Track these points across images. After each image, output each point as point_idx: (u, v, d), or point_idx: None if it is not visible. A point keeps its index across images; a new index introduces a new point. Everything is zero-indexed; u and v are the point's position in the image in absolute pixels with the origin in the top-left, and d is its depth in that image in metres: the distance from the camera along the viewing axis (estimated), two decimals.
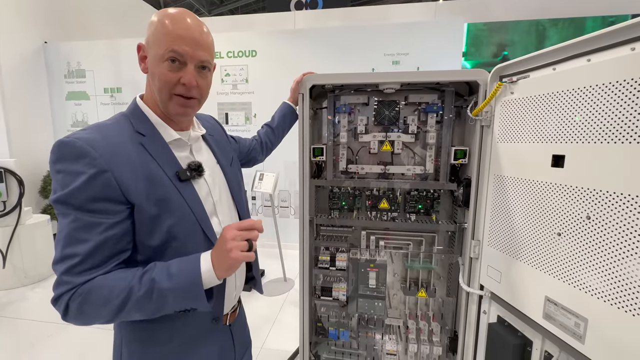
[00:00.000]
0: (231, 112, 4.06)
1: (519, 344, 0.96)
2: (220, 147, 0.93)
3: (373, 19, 5.09)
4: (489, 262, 1.08)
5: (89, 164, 0.62)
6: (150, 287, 0.62)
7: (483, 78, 1.09)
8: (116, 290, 0.61)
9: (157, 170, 0.70)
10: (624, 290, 0.65)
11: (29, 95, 4.09)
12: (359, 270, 1.41)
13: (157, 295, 0.62)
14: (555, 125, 0.81)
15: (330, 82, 1.27)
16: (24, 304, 2.81)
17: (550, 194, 0.83)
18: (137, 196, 0.65)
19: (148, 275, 0.63)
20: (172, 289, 0.63)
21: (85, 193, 0.61)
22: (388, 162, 1.42)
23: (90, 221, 0.62)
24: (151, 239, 0.68)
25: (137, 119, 0.74)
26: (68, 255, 0.61)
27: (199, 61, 0.72)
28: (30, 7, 4.01)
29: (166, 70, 0.69)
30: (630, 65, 0.64)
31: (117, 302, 0.61)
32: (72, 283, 0.61)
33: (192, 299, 0.65)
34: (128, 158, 0.66)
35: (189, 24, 0.70)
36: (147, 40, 0.72)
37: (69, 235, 0.61)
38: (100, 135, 0.66)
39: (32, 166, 3.97)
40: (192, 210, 0.73)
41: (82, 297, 0.60)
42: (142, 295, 0.62)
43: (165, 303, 0.64)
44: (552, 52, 0.83)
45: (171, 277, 0.63)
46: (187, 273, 0.64)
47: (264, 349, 2.19)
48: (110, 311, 0.62)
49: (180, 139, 0.77)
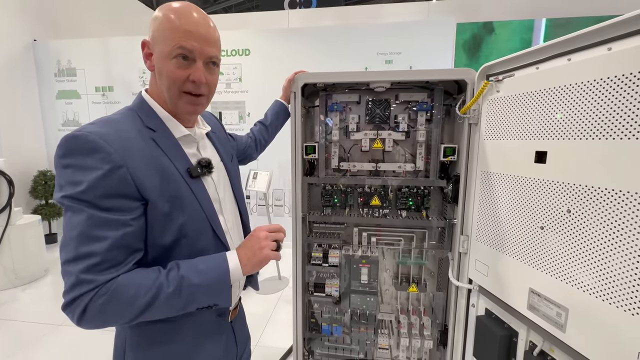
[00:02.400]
0: (225, 111, 4.05)
1: (505, 335, 0.99)
2: (222, 145, 0.93)
3: (366, 18, 5.12)
4: (477, 256, 1.11)
5: (103, 159, 0.60)
6: (179, 284, 0.62)
7: (471, 77, 1.12)
8: (144, 288, 0.60)
9: (169, 166, 0.69)
10: (603, 281, 0.68)
11: (18, 94, 4.02)
12: (351, 267, 1.43)
13: (186, 292, 0.63)
14: (538, 123, 0.84)
15: (322, 81, 1.29)
16: (15, 305, 2.77)
17: (533, 189, 0.86)
18: (151, 192, 0.64)
19: (174, 273, 0.64)
20: (201, 285, 0.64)
21: (100, 189, 0.59)
22: (379, 160, 1.44)
23: (106, 218, 0.60)
24: (163, 237, 0.68)
25: (146, 114, 0.72)
26: (85, 254, 0.58)
27: (208, 57, 0.70)
28: (18, 4, 3.94)
29: (174, 68, 0.68)
30: (607, 64, 0.67)
31: (146, 299, 0.60)
32: (96, 282, 0.58)
33: (218, 295, 0.67)
34: (141, 153, 0.65)
35: (196, 19, 0.68)
36: (152, 37, 0.69)
37: (84, 234, 0.58)
38: (113, 130, 0.64)
39: (22, 166, 3.91)
40: (203, 207, 0.73)
41: (107, 296, 0.58)
42: (171, 292, 0.62)
43: (194, 299, 0.65)
44: (535, 51, 0.85)
45: (200, 273, 0.65)
46: (216, 269, 0.67)
47: (259, 347, 2.21)
48: (136, 309, 0.60)
49: (190, 135, 0.77)
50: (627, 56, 0.63)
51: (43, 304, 2.78)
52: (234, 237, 0.85)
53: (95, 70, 4.22)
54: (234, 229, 0.86)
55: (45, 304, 2.79)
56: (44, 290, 3.05)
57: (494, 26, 4.29)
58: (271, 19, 5.37)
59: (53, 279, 3.25)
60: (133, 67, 4.13)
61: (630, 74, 0.62)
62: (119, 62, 4.16)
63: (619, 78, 0.64)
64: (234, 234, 0.85)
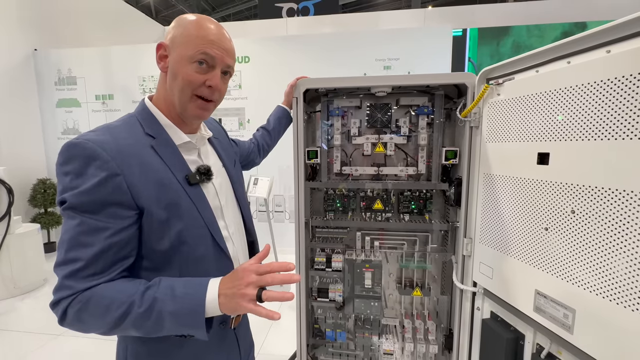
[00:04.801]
0: (225, 118, 4.06)
1: (511, 338, 0.98)
2: (225, 150, 0.93)
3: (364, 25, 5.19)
4: (481, 259, 1.11)
5: (100, 167, 0.60)
6: (151, 306, 0.59)
7: (471, 81, 1.13)
8: (116, 302, 0.59)
9: (167, 173, 0.69)
10: (610, 281, 0.68)
11: (18, 103, 4.03)
12: (354, 271, 1.42)
13: (156, 316, 0.59)
14: (540, 125, 0.85)
15: (324, 86, 1.30)
16: (13, 315, 2.74)
17: (536, 190, 0.86)
18: (147, 201, 0.64)
19: (151, 292, 0.60)
20: (173, 313, 0.59)
21: (95, 196, 0.60)
22: (381, 164, 1.44)
23: (97, 225, 0.60)
24: (160, 244, 0.67)
25: (146, 120, 0.73)
26: (71, 259, 0.59)
27: (226, 66, 0.74)
28: (19, 14, 3.98)
29: (193, 72, 0.70)
30: (606, 66, 0.68)
31: (116, 314, 0.58)
32: (74, 288, 0.58)
33: (190, 327, 0.61)
34: (139, 161, 0.65)
35: (221, 31, 0.73)
36: (173, 40, 0.71)
37: (74, 239, 0.59)
38: (111, 137, 0.65)
39: (21, 175, 3.89)
40: (201, 214, 0.73)
41: (82, 304, 0.58)
42: (141, 313, 0.59)
43: (163, 326, 0.60)
44: (535, 55, 0.87)
45: (174, 299, 0.60)
46: (190, 299, 0.60)
47: (261, 354, 2.18)
48: (108, 323, 0.59)
49: (190, 142, 0.77)
50: (625, 58, 0.64)
51: (42, 313, 2.74)
52: (237, 244, 0.85)
53: (96, 79, 4.24)
54: (237, 235, 0.86)
55: (44, 313, 2.75)
56: (43, 299, 3.01)
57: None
58: (270, 27, 5.44)
59: (52, 289, 3.18)
60: (133, 75, 4.16)
61: (630, 75, 0.63)
62: (119, 70, 4.18)
63: (618, 79, 0.65)
64: (236, 241, 0.84)
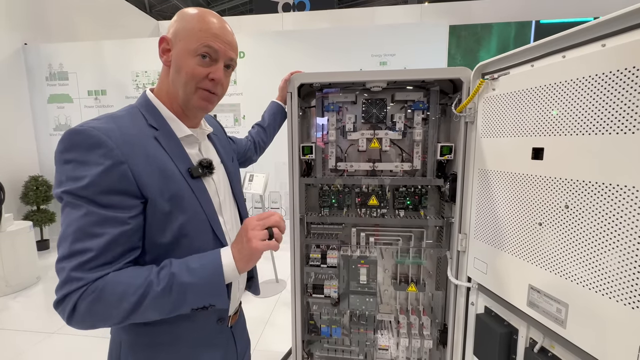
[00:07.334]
0: (220, 114, 4.03)
1: (505, 333, 0.99)
2: (223, 147, 0.93)
3: (360, 21, 5.16)
4: (475, 254, 1.11)
5: (105, 155, 0.59)
6: (169, 282, 0.59)
7: (466, 75, 1.12)
8: (133, 286, 0.58)
9: (170, 165, 0.69)
10: (602, 275, 0.69)
11: (8, 99, 3.96)
12: (349, 267, 1.42)
13: (176, 291, 0.59)
14: (535, 120, 0.85)
15: (318, 81, 1.29)
16: (6, 313, 2.71)
17: (531, 185, 0.86)
18: (152, 191, 0.64)
19: (166, 271, 0.61)
20: (193, 284, 0.60)
21: (100, 185, 0.58)
22: (376, 160, 1.44)
23: (105, 215, 0.59)
24: (162, 236, 0.67)
25: (149, 112, 0.72)
26: (79, 250, 0.57)
27: (229, 58, 0.74)
28: (8, 7, 3.89)
29: (196, 65, 0.70)
30: (601, 60, 0.68)
31: (134, 298, 0.57)
32: (85, 279, 0.56)
33: (212, 294, 0.63)
34: (143, 151, 0.65)
35: (223, 25, 0.73)
36: (175, 33, 0.71)
37: (80, 230, 0.57)
38: (116, 126, 0.63)
39: (12, 171, 3.83)
40: (203, 208, 0.72)
41: (95, 294, 0.56)
42: (160, 291, 0.58)
43: (185, 299, 0.61)
44: (530, 49, 0.86)
45: (191, 271, 0.61)
46: (208, 267, 0.62)
47: (257, 350, 2.18)
48: (124, 310, 0.58)
49: (192, 135, 0.77)
50: (620, 52, 0.64)
51: (35, 312, 2.72)
52: (234, 239, 0.84)
53: (88, 74, 4.18)
54: (233, 230, 0.85)
55: (37, 312, 2.73)
56: (36, 298, 2.98)
57: None
58: (265, 22, 5.39)
59: (45, 287, 3.18)
60: (127, 70, 4.10)
61: (625, 69, 0.63)
62: (112, 65, 4.12)
63: (613, 73, 0.65)
64: (233, 236, 0.84)
